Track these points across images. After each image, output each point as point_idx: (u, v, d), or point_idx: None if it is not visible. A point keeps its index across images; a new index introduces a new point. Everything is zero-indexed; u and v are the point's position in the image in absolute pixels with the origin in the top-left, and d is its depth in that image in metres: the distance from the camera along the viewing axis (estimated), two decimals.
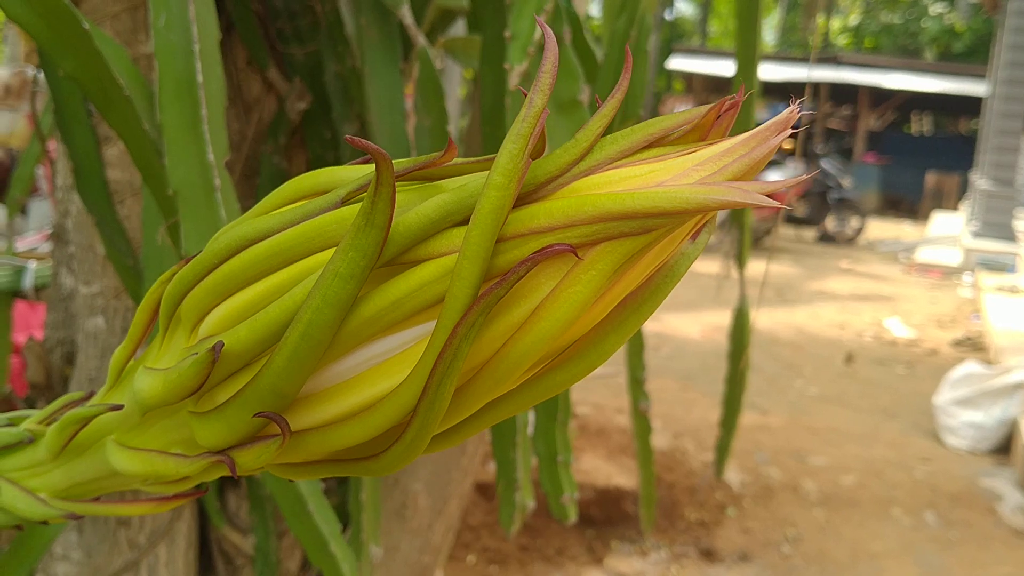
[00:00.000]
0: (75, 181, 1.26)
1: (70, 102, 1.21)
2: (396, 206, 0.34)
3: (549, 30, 0.32)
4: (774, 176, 12.19)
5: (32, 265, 2.18)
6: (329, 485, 1.57)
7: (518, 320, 0.33)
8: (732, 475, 4.42)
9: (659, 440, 4.70)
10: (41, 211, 5.04)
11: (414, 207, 0.34)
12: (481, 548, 3.55)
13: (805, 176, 0.31)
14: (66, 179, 1.37)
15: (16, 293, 2.21)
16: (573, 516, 1.10)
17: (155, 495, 0.51)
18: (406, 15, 1.17)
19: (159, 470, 0.41)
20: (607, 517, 3.98)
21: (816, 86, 17.03)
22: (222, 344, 0.35)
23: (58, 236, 1.44)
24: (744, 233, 1.91)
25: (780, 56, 19.79)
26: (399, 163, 0.35)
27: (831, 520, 3.99)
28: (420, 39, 1.17)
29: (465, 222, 0.33)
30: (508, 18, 0.98)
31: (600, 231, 0.31)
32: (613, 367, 5.94)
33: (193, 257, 0.38)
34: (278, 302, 0.35)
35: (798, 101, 0.31)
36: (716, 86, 17.95)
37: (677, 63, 18.63)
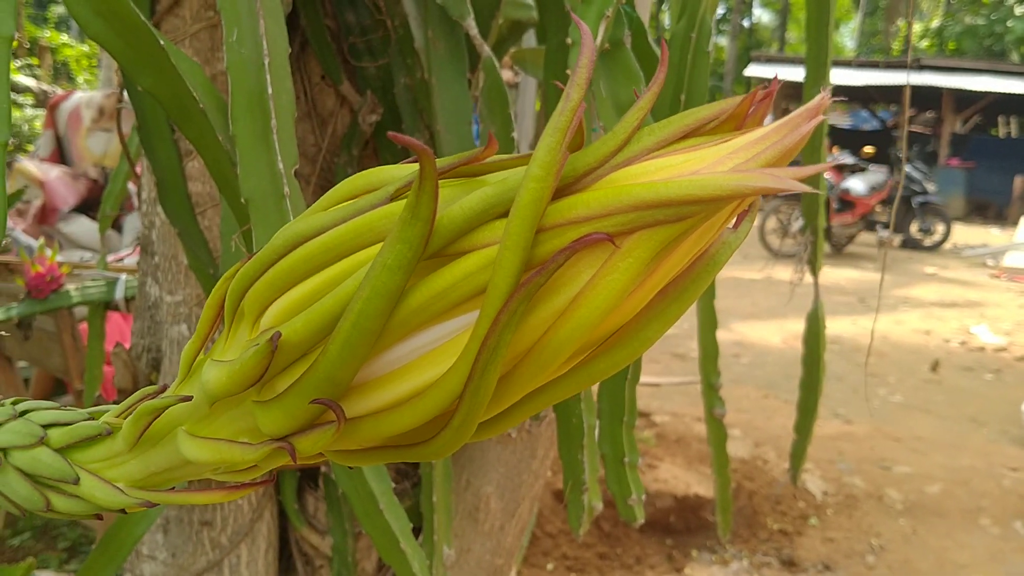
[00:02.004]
0: (159, 194, 1.31)
1: (153, 118, 1.27)
2: (441, 200, 0.36)
3: (585, 26, 0.33)
4: (857, 182, 11.95)
5: (123, 278, 2.28)
6: (403, 488, 1.60)
7: (559, 308, 0.34)
8: (814, 484, 4.33)
9: (740, 449, 4.63)
10: (135, 226, 5.23)
11: (458, 201, 0.35)
12: (560, 556, 3.55)
13: (840, 160, 0.31)
14: (151, 193, 1.43)
15: (108, 305, 2.30)
16: (640, 518, 1.10)
17: (225, 484, 0.54)
18: (471, 26, 1.19)
19: (226, 457, 0.43)
20: (686, 526, 3.94)
21: (898, 90, 16.60)
22: (279, 334, 0.37)
23: (144, 248, 1.50)
24: (818, 236, 1.88)
25: (861, 61, 19.34)
26: (444, 160, 0.37)
27: (916, 530, 3.88)
28: (485, 50, 1.19)
29: (507, 214, 0.34)
30: (569, 25, 1.00)
31: (636, 219, 0.32)
32: (691, 375, 5.88)
33: (255, 254, 0.41)
34: (332, 294, 0.36)
35: (827, 91, 0.31)
36: (795, 93, 17.63)
37: (755, 70, 18.38)
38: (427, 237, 0.34)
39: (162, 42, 0.85)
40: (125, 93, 1.30)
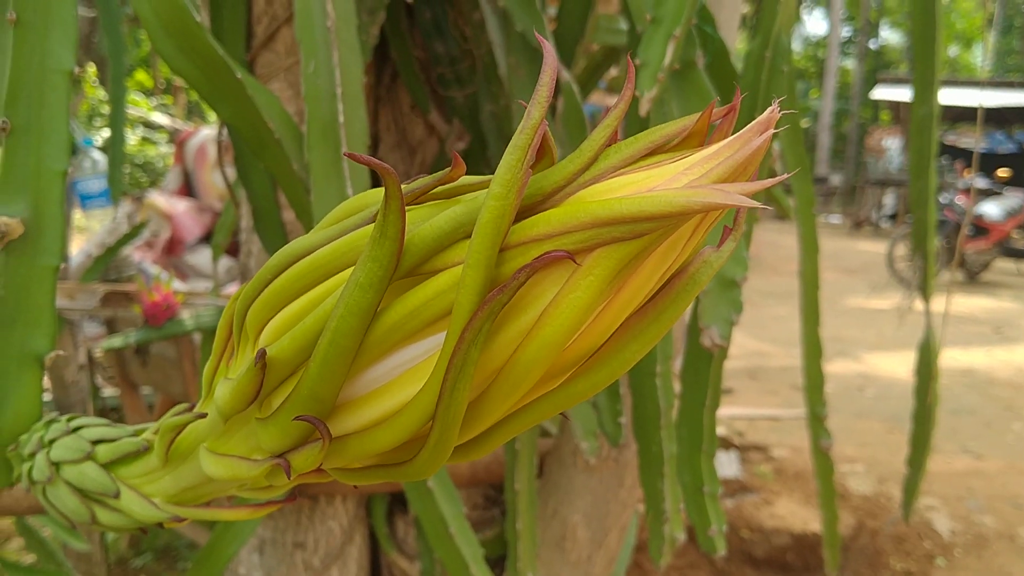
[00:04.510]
0: (254, 223, 1.36)
1: (247, 151, 1.32)
2: (417, 220, 0.36)
3: (546, 43, 0.33)
4: (992, 207, 11.37)
5: None
6: (491, 515, 1.60)
7: (525, 327, 0.34)
8: (941, 523, 4.11)
9: (862, 485, 4.44)
10: None
11: (430, 220, 0.35)
12: None
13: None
14: (248, 222, 1.49)
15: None
16: (721, 549, 1.07)
17: (251, 502, 0.55)
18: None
19: (236, 474, 0.44)
20: (805, 564, 3.79)
21: None
22: (264, 352, 0.38)
23: (243, 275, 1.56)
24: (928, 261, 1.79)
25: (996, 81, 18.45)
26: (420, 181, 0.37)
27: None
28: (564, 75, 1.20)
29: None
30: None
31: (594, 236, 0.31)
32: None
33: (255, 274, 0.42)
34: (313, 312, 0.37)
35: (776, 104, 0.30)
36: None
37: (882, 92, 17.77)
38: (397, 255, 0.34)
39: (239, 75, 0.89)
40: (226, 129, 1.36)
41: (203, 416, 0.47)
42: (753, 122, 0.29)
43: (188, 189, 4.45)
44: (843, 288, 10.21)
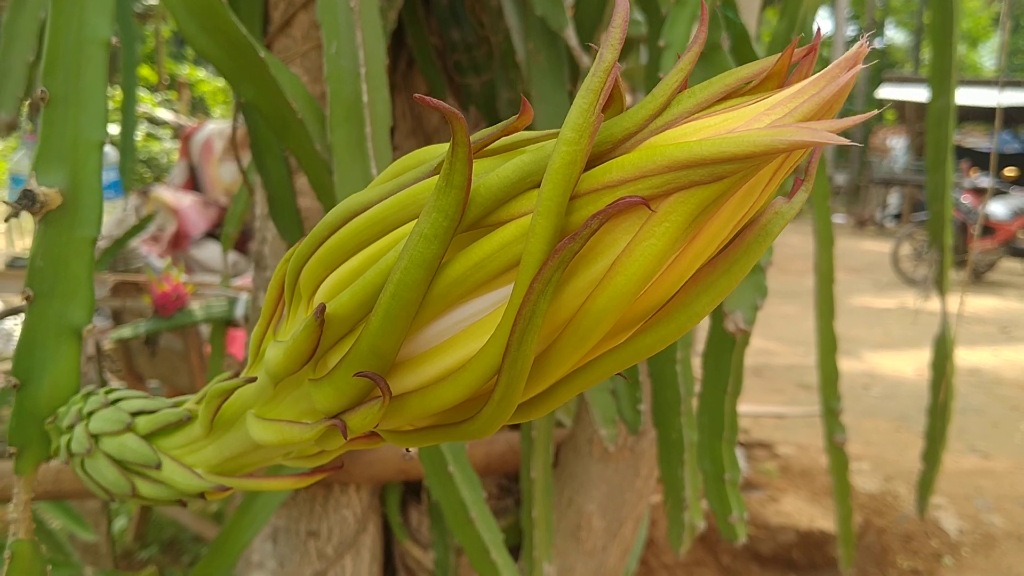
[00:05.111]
0: (270, 210, 1.35)
1: (264, 136, 1.31)
2: (479, 172, 0.35)
3: None
4: (998, 206, 11.37)
5: (244, 296, 2.37)
6: (505, 504, 1.59)
7: (595, 277, 0.33)
8: (949, 522, 4.10)
9: (869, 483, 4.43)
10: None
11: (495, 171, 0.35)
12: None
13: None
14: (263, 209, 1.48)
15: (230, 322, 2.40)
16: (742, 536, 1.06)
17: (295, 472, 0.55)
18: (571, 36, 1.19)
19: (287, 438, 0.44)
20: (811, 562, 3.78)
21: None
22: (324, 307, 0.37)
23: (257, 262, 1.55)
24: (944, 255, 1.79)
25: (1003, 81, 18.42)
26: (481, 132, 0.36)
27: None
28: (585, 60, 1.19)
29: None
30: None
31: (671, 181, 0.31)
32: (817, 405, 5.65)
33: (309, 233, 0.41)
34: (375, 266, 0.36)
35: (866, 38, 0.29)
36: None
37: (888, 91, 17.73)
38: (463, 205, 0.33)
39: (262, 54, 0.88)
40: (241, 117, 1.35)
41: (252, 380, 0.46)
42: (840, 58, 0.29)
43: (194, 183, 4.45)
44: (848, 287, 10.18)
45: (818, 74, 0.29)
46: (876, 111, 0.29)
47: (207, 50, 0.83)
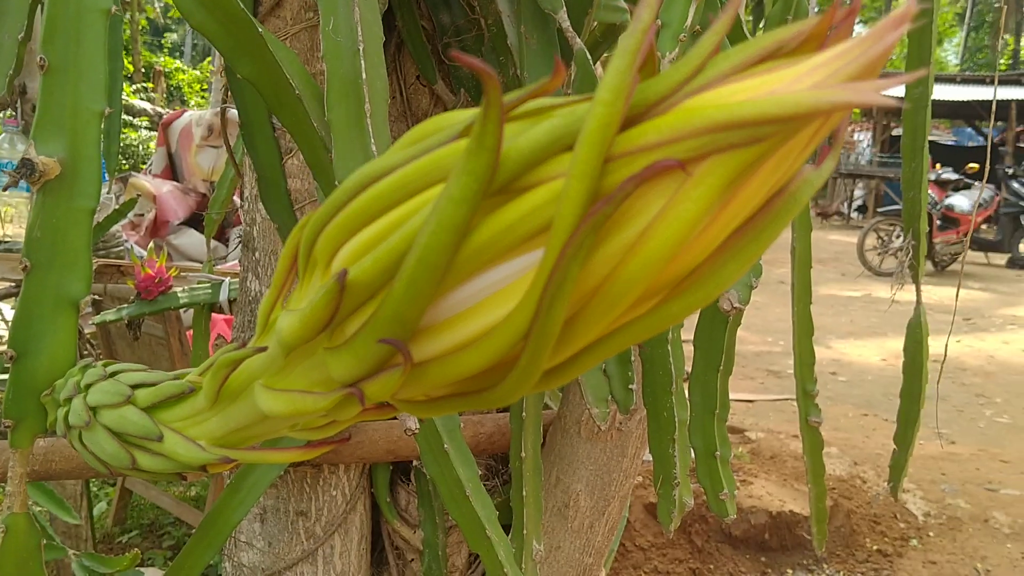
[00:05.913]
0: (260, 191, 1.34)
1: (255, 117, 1.30)
2: (508, 135, 0.35)
3: None
4: (961, 199, 11.52)
5: (227, 280, 2.35)
6: (492, 485, 1.60)
7: (628, 241, 0.32)
8: (916, 505, 4.17)
9: (837, 467, 4.49)
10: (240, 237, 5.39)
11: (524, 133, 0.34)
12: (651, 570, 3.49)
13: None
14: (252, 190, 1.47)
15: (213, 307, 2.38)
16: (732, 513, 1.07)
17: (301, 443, 0.54)
18: (563, 19, 1.18)
19: (299, 407, 0.43)
20: (781, 543, 3.83)
21: (1004, 106, 15.85)
22: (346, 272, 0.37)
23: (245, 244, 1.54)
24: (920, 240, 1.80)
25: (966, 77, 18.58)
26: (512, 93, 0.36)
27: None
28: (577, 43, 1.19)
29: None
30: (659, 7, 0.98)
31: (708, 143, 0.30)
32: (787, 392, 5.71)
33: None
34: (399, 231, 0.36)
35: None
36: (898, 111, 16.96)
37: None
38: (493, 168, 0.33)
39: (260, 29, 0.87)
40: (231, 99, 1.33)
41: (262, 350, 0.46)
42: (887, 17, 0.28)
43: (172, 171, 4.41)
44: (815, 277, 10.23)
45: (864, 34, 0.29)
46: (908, 76, 0.28)
47: (205, 25, 0.82)
